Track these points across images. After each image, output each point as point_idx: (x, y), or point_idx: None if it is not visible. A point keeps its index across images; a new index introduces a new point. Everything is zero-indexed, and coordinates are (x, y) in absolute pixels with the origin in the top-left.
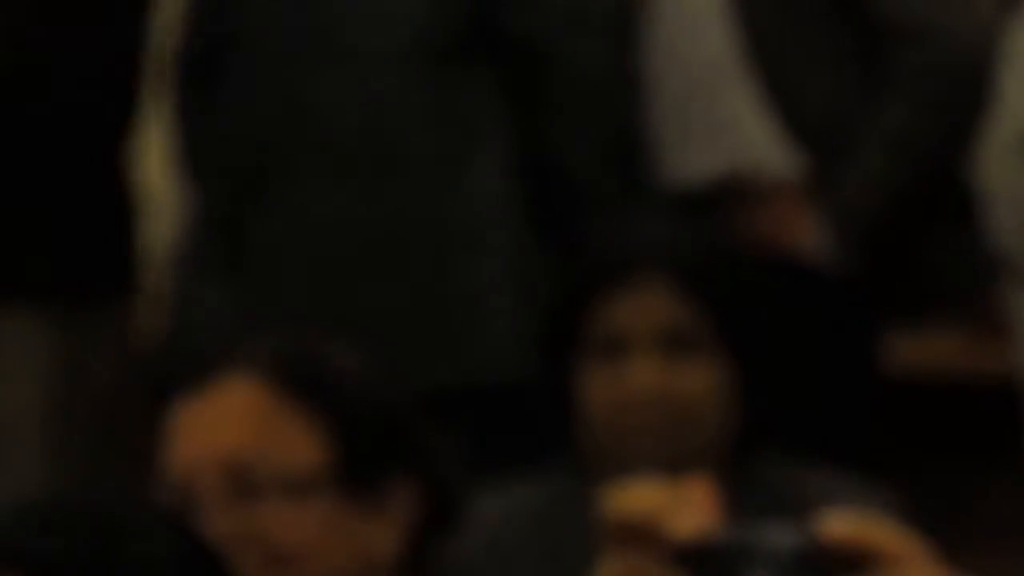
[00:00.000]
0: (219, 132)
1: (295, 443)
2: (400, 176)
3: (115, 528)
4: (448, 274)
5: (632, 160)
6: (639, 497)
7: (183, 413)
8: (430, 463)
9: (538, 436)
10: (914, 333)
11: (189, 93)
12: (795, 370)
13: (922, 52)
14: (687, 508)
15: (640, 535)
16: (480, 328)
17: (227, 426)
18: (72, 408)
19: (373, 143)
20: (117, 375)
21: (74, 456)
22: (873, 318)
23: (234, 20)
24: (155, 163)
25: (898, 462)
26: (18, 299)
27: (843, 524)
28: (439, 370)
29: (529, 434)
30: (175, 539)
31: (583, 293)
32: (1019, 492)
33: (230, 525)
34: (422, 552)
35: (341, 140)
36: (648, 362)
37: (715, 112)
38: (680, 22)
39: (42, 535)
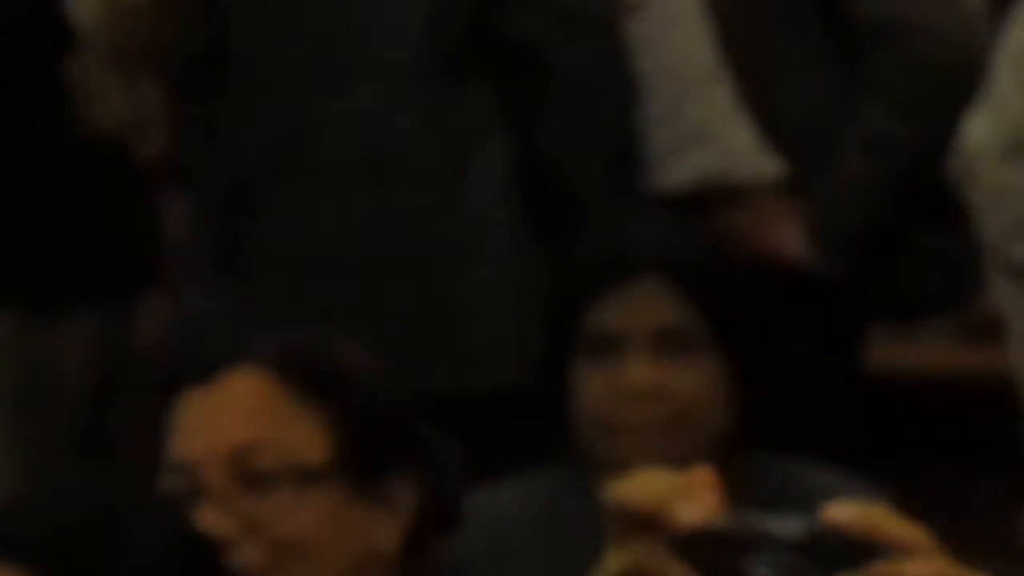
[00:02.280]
0: (219, 140)
1: (302, 436)
2: (399, 183)
3: (109, 516)
4: (446, 279)
5: (628, 162)
6: (644, 486)
7: (189, 407)
8: (431, 460)
9: (536, 440)
10: (902, 335)
11: (190, 101)
12: (782, 370)
13: (901, 51)
14: (691, 497)
15: (645, 523)
16: (478, 332)
17: (234, 419)
18: (41, 409)
19: (373, 151)
20: (97, 376)
21: (45, 457)
22: (856, 320)
23: (235, 30)
24: None
25: (884, 464)
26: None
27: (848, 511)
28: (437, 374)
29: (527, 437)
30: (169, 527)
31: (579, 293)
32: (1006, 492)
33: (236, 517)
34: (423, 548)
35: (341, 149)
36: (643, 361)
37: (696, 117)
38: (664, 30)
39: (34, 526)
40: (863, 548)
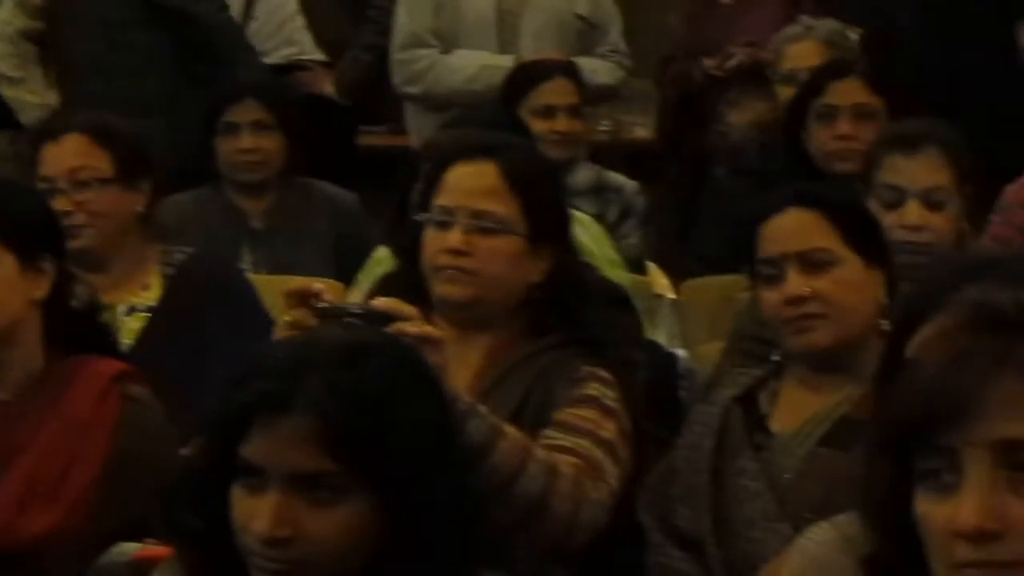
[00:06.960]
0: None
1: None
2: None
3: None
4: None
5: None
6: (304, 282)
7: None
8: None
9: None
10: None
11: None
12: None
13: None
14: (327, 292)
15: (302, 300)
16: None
17: None
18: None
19: None
20: None
21: None
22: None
23: None
24: None
25: None
26: None
27: (382, 301)
28: None
29: None
30: None
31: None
32: None
33: None
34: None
35: None
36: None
37: None
38: None
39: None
40: (390, 316)
